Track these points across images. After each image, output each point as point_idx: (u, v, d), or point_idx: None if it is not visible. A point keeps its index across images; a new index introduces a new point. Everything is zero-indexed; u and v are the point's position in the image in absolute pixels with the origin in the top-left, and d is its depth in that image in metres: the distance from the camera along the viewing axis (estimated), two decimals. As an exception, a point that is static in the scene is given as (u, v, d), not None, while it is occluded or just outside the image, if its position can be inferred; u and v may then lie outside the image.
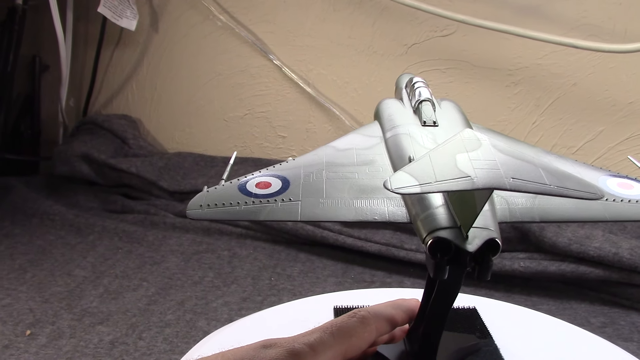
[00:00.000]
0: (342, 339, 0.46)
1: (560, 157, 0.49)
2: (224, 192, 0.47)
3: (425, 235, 0.39)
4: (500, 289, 1.19)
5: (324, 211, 0.44)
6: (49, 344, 0.98)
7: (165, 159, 1.63)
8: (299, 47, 1.56)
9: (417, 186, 0.34)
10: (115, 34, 1.78)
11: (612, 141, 1.30)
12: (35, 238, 1.42)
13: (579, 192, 0.33)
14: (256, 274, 1.24)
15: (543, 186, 0.32)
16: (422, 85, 0.56)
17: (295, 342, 0.44)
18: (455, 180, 0.33)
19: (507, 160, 0.34)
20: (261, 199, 0.45)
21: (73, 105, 1.88)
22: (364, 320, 0.49)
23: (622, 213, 0.41)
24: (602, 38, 1.25)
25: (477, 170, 0.34)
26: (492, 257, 0.38)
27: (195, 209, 0.46)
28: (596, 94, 1.29)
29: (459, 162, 0.35)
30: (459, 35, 1.38)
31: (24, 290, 1.16)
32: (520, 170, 0.34)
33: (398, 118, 0.54)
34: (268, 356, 0.42)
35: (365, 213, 0.44)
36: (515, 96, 1.36)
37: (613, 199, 0.42)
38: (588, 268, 1.13)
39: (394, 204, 0.45)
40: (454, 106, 0.57)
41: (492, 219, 0.40)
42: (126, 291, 1.16)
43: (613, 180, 0.45)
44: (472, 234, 0.38)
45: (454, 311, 0.68)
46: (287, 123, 1.62)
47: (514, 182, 0.32)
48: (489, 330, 0.64)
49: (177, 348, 0.97)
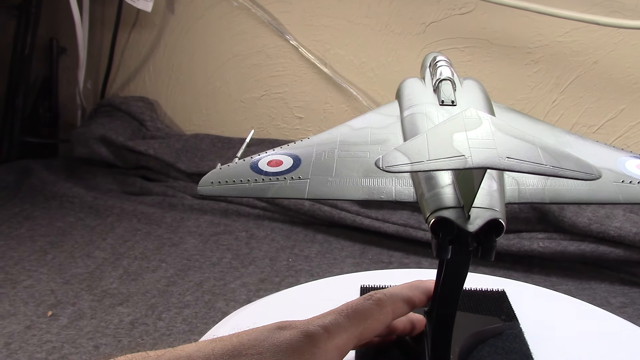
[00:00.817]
0: (357, 321, 0.46)
1: (580, 137, 0.48)
2: (235, 169, 0.47)
3: (428, 215, 0.39)
4: (519, 269, 1.18)
5: (331, 189, 0.44)
6: (70, 324, 0.99)
7: (182, 140, 1.64)
8: (316, 27, 1.55)
9: (408, 164, 0.33)
10: (131, 16, 1.78)
11: (633, 119, 1.28)
12: (55, 220, 1.43)
13: (574, 172, 0.32)
14: (274, 255, 1.25)
15: (538, 166, 0.32)
16: (444, 64, 0.55)
17: (310, 324, 0.44)
18: (448, 159, 0.33)
19: (506, 140, 0.34)
20: (271, 176, 0.45)
21: (90, 87, 1.89)
22: (379, 302, 0.48)
23: (636, 196, 0.40)
24: (624, 14, 1.22)
25: (472, 150, 0.33)
26: (496, 238, 0.37)
27: (206, 186, 0.46)
28: (618, 71, 1.26)
29: (455, 141, 0.34)
30: (478, 13, 1.36)
31: (45, 271, 1.18)
32: (517, 149, 0.33)
33: (417, 97, 0.54)
34: (282, 337, 0.42)
35: (372, 192, 0.44)
36: (535, 74, 1.34)
37: (630, 181, 0.41)
38: (608, 248, 1.11)
39: (401, 184, 0.44)
40: (476, 85, 0.56)
41: (498, 199, 0.39)
42: (145, 272, 1.17)
43: (633, 162, 0.43)
44: (474, 214, 0.38)
45: (482, 293, 0.67)
46: (304, 104, 1.62)
47: (508, 162, 0.32)
48: (515, 314, 0.63)
49: (196, 329, 0.98)
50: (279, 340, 0.42)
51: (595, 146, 0.46)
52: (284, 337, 0.42)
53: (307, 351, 0.41)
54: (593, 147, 0.46)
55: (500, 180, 0.42)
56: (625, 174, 0.42)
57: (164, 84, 1.80)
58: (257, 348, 0.41)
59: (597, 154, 0.44)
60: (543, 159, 0.32)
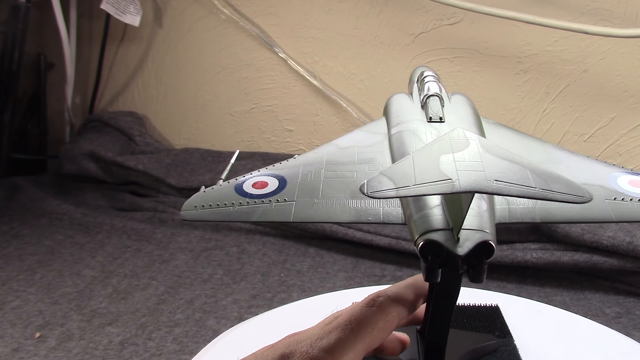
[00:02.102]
0: (363, 334, 0.43)
1: (571, 153, 0.47)
2: (220, 192, 0.47)
3: (417, 237, 0.38)
4: (513, 280, 1.17)
5: (318, 212, 0.43)
6: (59, 346, 0.97)
7: (172, 155, 1.62)
8: (304, 39, 1.54)
9: (394, 190, 0.33)
10: (119, 30, 1.77)
11: (624, 128, 1.28)
12: (43, 238, 1.41)
13: (565, 195, 0.31)
14: (266, 270, 1.23)
15: (527, 189, 0.31)
16: (432, 80, 0.55)
17: (314, 350, 0.41)
18: (435, 184, 0.32)
19: (494, 162, 0.33)
20: (256, 199, 0.45)
21: (79, 103, 1.88)
22: (383, 308, 0.45)
23: (629, 213, 0.39)
24: (612, 23, 1.22)
25: (460, 173, 0.32)
26: (487, 260, 0.37)
27: (190, 210, 0.46)
28: (607, 80, 1.26)
29: (442, 164, 0.33)
30: (467, 23, 1.35)
31: (33, 291, 1.16)
32: (505, 172, 0.32)
33: (404, 114, 0.53)
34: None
35: (359, 214, 0.43)
36: (525, 84, 1.34)
37: (622, 198, 0.40)
38: (602, 257, 1.11)
39: (389, 204, 0.43)
40: (464, 100, 0.55)
41: (488, 220, 0.39)
42: (135, 290, 1.16)
43: (625, 178, 0.42)
44: (464, 236, 0.37)
45: (475, 309, 0.67)
46: (294, 116, 1.61)
47: (497, 185, 0.31)
48: (509, 330, 0.62)
49: (187, 348, 0.96)
50: None
51: (586, 162, 0.45)
52: None
53: None
54: (584, 163, 0.45)
55: (491, 200, 0.41)
56: (618, 191, 0.41)
57: (152, 98, 1.79)
58: None
59: (589, 170, 0.44)
60: (532, 182, 0.32)
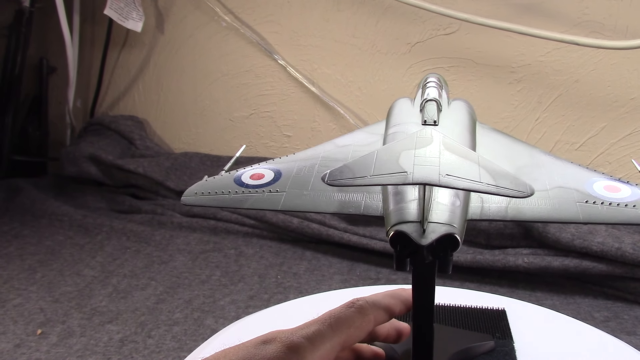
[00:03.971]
0: (340, 330, 0.46)
1: (556, 158, 0.49)
2: (220, 181, 0.51)
3: (389, 228, 0.41)
4: (504, 284, 1.20)
5: (304, 202, 0.47)
6: (60, 342, 1.00)
7: (172, 159, 1.65)
8: (303, 46, 1.57)
9: (350, 179, 0.36)
10: (121, 36, 1.79)
11: (614, 137, 1.30)
12: (44, 239, 1.44)
13: (507, 189, 0.34)
14: (263, 272, 1.26)
15: (474, 184, 0.34)
16: (433, 85, 0.57)
17: (294, 336, 0.44)
18: (390, 175, 0.35)
19: (451, 158, 0.36)
20: (250, 189, 0.48)
21: (80, 106, 1.90)
22: (361, 310, 0.49)
23: (597, 215, 0.41)
24: (604, 35, 1.25)
25: (416, 167, 0.35)
26: (452, 252, 0.39)
27: (190, 196, 0.50)
28: (598, 90, 1.29)
29: (402, 158, 0.36)
30: (462, 34, 1.38)
31: (34, 290, 1.18)
32: (458, 167, 0.35)
33: (402, 116, 0.56)
34: (268, 352, 0.43)
35: (342, 206, 0.46)
36: (518, 93, 1.37)
37: (593, 201, 0.42)
38: (591, 263, 1.13)
39: (370, 198, 0.46)
40: (462, 106, 0.58)
41: (459, 215, 0.41)
42: (135, 290, 1.18)
43: (602, 183, 0.44)
44: (431, 229, 0.39)
45: (480, 311, 0.68)
46: (292, 122, 1.64)
47: (446, 179, 0.34)
48: (511, 333, 0.64)
49: (186, 346, 0.98)
50: (265, 357, 0.42)
51: (568, 167, 0.48)
52: (269, 351, 0.43)
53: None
54: (566, 168, 0.47)
55: (466, 198, 0.43)
56: (591, 195, 0.43)
57: (153, 102, 1.81)
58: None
59: (569, 175, 0.46)
60: (481, 178, 0.34)
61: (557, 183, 0.45)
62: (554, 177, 0.46)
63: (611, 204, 0.41)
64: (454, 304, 0.71)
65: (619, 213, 0.41)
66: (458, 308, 0.70)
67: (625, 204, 0.41)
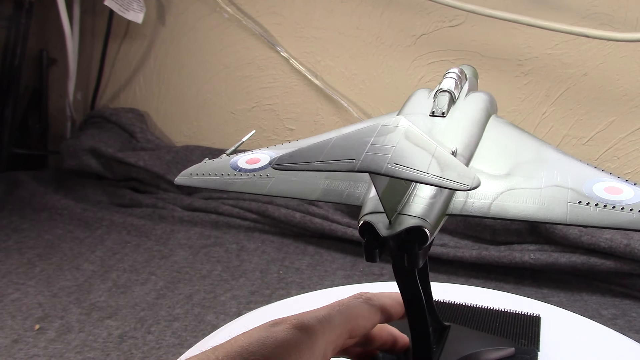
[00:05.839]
0: (349, 317, 0.46)
1: (564, 155, 0.47)
2: (217, 164, 0.51)
3: (360, 218, 0.40)
4: (511, 281, 1.18)
5: (289, 188, 0.46)
6: (58, 338, 0.98)
7: (173, 152, 1.63)
8: (307, 38, 1.55)
9: (295, 164, 0.35)
10: (122, 27, 1.77)
11: (623, 131, 1.28)
12: (43, 232, 1.42)
13: (449, 181, 0.33)
14: (264, 268, 1.24)
15: (418, 174, 0.33)
16: (450, 76, 0.55)
17: (304, 317, 0.44)
18: (337, 162, 0.34)
19: (407, 148, 0.35)
20: (242, 172, 0.49)
21: (80, 99, 1.88)
22: (370, 301, 0.48)
23: (586, 218, 0.39)
24: (613, 27, 1.23)
25: (366, 154, 0.34)
26: (420, 246, 0.38)
27: (184, 177, 0.50)
28: (607, 83, 1.27)
29: (356, 146, 0.35)
30: (468, 26, 1.36)
31: (33, 284, 1.17)
32: (409, 157, 0.34)
33: (413, 106, 0.54)
34: (279, 333, 0.42)
35: (326, 194, 0.46)
36: (525, 87, 1.35)
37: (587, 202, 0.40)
38: (599, 259, 1.11)
39: (354, 187, 0.45)
40: (478, 99, 0.56)
41: (433, 209, 0.40)
42: (134, 285, 1.16)
43: (604, 184, 0.42)
44: (399, 220, 0.38)
45: (513, 316, 0.65)
46: (295, 115, 1.62)
47: (391, 168, 0.33)
48: (539, 340, 0.61)
49: (186, 342, 0.97)
50: (278, 339, 0.42)
51: (574, 165, 0.45)
52: (280, 332, 0.42)
53: (304, 345, 0.42)
54: (571, 166, 0.45)
55: (446, 192, 0.42)
56: (587, 195, 0.41)
57: (154, 95, 1.79)
58: (261, 350, 0.41)
59: (572, 173, 0.44)
60: (428, 168, 0.33)
61: (554, 182, 0.43)
62: (554, 176, 0.43)
63: (606, 206, 0.39)
64: (487, 307, 0.68)
65: (609, 216, 0.39)
66: (490, 311, 0.68)
67: (622, 207, 0.39)
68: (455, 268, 1.22)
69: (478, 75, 0.65)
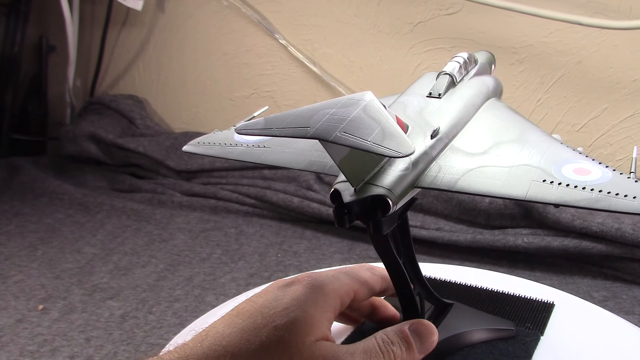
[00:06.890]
0: (355, 279, 0.49)
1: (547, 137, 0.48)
2: (224, 135, 0.55)
3: (332, 185, 0.43)
4: (504, 264, 1.20)
5: (279, 158, 0.50)
6: (61, 318, 1.00)
7: (172, 138, 1.65)
8: (305, 26, 1.56)
9: (256, 129, 0.39)
10: (121, 14, 1.78)
11: (616, 119, 1.30)
12: (44, 217, 1.44)
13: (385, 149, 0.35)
14: (263, 251, 1.26)
15: (359, 141, 0.35)
16: (455, 60, 0.57)
17: (316, 276, 0.47)
18: (293, 129, 0.37)
19: (359, 119, 0.37)
20: (244, 143, 0.52)
21: (80, 85, 1.89)
22: (372, 269, 0.52)
23: (543, 195, 0.41)
24: (607, 15, 1.25)
25: (321, 124, 0.37)
26: (383, 214, 0.41)
27: (193, 145, 0.55)
28: (600, 71, 1.29)
29: (316, 116, 0.38)
30: (465, 14, 1.38)
31: (35, 266, 1.19)
32: (359, 128, 0.36)
33: (414, 88, 0.56)
34: (294, 292, 0.45)
35: (310, 164, 0.49)
36: (520, 74, 1.36)
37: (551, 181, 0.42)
38: (591, 243, 1.14)
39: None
40: (478, 83, 0.57)
41: (400, 180, 0.42)
42: (135, 267, 1.18)
43: (573, 166, 0.43)
44: (364, 189, 0.41)
45: (525, 301, 0.65)
46: (293, 102, 1.63)
47: (339, 136, 0.36)
48: (545, 326, 0.60)
49: (187, 322, 0.99)
50: (295, 296, 0.45)
51: (552, 147, 0.46)
52: (296, 291, 0.45)
53: (320, 299, 0.45)
54: (549, 148, 0.46)
55: (419, 165, 0.44)
56: (552, 175, 0.42)
57: (153, 82, 1.81)
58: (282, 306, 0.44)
59: (547, 154, 0.45)
60: (372, 138, 0.36)
61: (526, 161, 0.44)
62: (528, 156, 0.45)
63: (568, 186, 0.41)
64: (500, 290, 0.67)
65: (567, 194, 0.40)
66: (501, 294, 0.67)
67: (584, 187, 0.40)
68: (450, 252, 1.24)
69: (494, 62, 0.66)
